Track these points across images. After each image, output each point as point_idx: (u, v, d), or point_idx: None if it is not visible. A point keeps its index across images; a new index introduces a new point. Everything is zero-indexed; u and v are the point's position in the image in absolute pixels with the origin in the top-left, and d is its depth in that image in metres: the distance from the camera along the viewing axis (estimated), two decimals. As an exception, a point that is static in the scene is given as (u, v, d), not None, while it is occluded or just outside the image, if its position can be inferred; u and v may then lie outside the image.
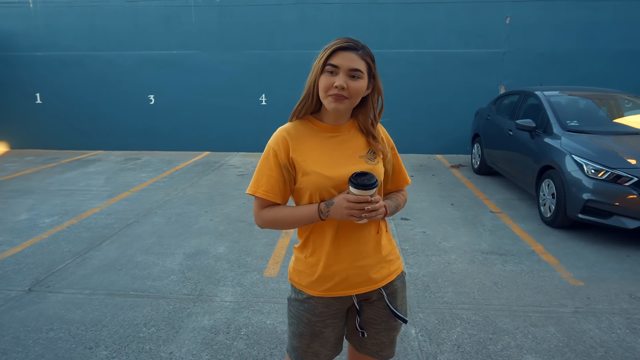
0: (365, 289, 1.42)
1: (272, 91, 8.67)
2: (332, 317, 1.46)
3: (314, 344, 1.47)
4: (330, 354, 1.52)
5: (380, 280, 1.44)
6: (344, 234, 1.38)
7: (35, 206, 5.28)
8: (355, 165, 1.34)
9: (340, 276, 1.39)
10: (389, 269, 1.47)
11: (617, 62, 8.07)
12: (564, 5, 7.99)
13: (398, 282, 1.50)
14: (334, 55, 1.28)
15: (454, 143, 8.60)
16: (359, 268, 1.40)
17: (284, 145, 1.35)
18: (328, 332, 1.47)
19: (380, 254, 1.44)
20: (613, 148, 4.37)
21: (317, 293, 1.42)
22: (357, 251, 1.39)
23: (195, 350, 2.54)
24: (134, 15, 8.63)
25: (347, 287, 1.41)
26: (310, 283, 1.43)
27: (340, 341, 1.55)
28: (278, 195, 1.37)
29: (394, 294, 1.49)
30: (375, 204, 1.25)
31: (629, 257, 3.86)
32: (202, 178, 6.74)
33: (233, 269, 3.60)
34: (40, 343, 2.60)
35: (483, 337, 2.68)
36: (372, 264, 1.42)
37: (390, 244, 1.49)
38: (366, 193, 1.23)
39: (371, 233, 1.41)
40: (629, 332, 2.73)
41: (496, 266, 3.67)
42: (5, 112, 9.17)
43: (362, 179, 1.24)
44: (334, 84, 1.27)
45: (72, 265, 3.65)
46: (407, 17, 8.24)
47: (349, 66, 1.27)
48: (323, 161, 1.34)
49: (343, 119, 1.40)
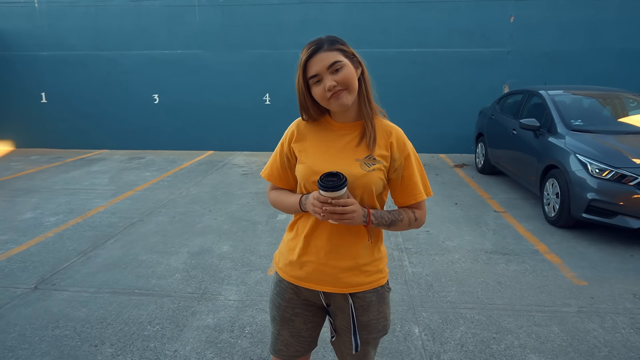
0: (330, 289, 1.40)
1: (275, 91, 8.69)
2: (301, 307, 1.47)
3: (284, 331, 1.49)
4: (301, 349, 1.51)
5: (348, 286, 1.39)
6: (323, 229, 1.38)
7: (40, 205, 5.31)
8: (347, 166, 1.32)
9: (310, 268, 1.40)
10: (362, 279, 1.40)
11: (621, 61, 8.03)
12: (568, 4, 7.96)
13: (373, 295, 1.42)
14: (308, 68, 1.29)
15: (458, 142, 8.59)
16: (329, 266, 1.38)
17: (289, 136, 1.45)
18: (299, 323, 1.48)
19: (355, 261, 1.39)
20: (617, 147, 4.36)
21: (287, 277, 1.46)
22: (331, 249, 1.38)
23: (200, 349, 2.55)
24: (138, 15, 8.66)
25: (315, 282, 1.41)
26: (284, 266, 1.47)
27: (315, 339, 1.54)
28: (277, 180, 1.50)
29: (365, 307, 1.42)
30: (336, 207, 1.22)
31: (633, 257, 3.85)
32: (205, 177, 6.76)
33: (237, 268, 3.61)
34: (46, 340, 2.62)
35: (486, 337, 2.68)
36: (345, 267, 1.38)
37: (371, 255, 1.42)
38: (329, 194, 1.22)
39: (350, 235, 1.38)
40: (633, 331, 2.73)
41: (500, 265, 3.67)
42: (10, 112, 9.22)
43: (327, 180, 1.23)
44: (326, 88, 1.27)
45: (77, 264, 3.67)
46: (410, 17, 8.23)
47: (325, 66, 1.26)
48: (317, 155, 1.37)
49: (350, 115, 1.38)
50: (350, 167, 1.32)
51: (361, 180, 1.32)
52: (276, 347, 1.51)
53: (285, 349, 1.50)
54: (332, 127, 1.40)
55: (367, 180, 1.32)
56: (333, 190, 1.21)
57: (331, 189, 1.21)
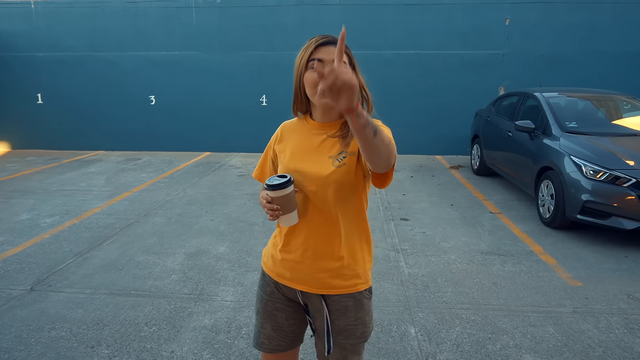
0: (306, 288, 1.41)
1: (272, 92, 8.70)
2: (282, 303, 1.49)
3: (266, 324, 1.51)
4: (283, 344, 1.51)
5: (322, 287, 1.39)
6: (302, 227, 1.38)
7: (36, 206, 5.30)
8: (320, 164, 1.33)
9: (288, 265, 1.42)
10: (338, 282, 1.39)
11: (616, 64, 8.09)
12: (564, 7, 8.01)
13: (349, 300, 1.40)
14: (317, 51, 1.28)
15: (454, 144, 8.62)
16: (305, 265, 1.39)
17: (275, 137, 1.51)
18: (280, 318, 1.49)
19: (332, 263, 1.37)
20: (611, 149, 4.39)
21: (268, 272, 1.49)
22: (308, 248, 1.38)
23: (197, 350, 2.56)
24: (135, 16, 8.66)
25: (292, 280, 1.43)
26: (267, 260, 1.51)
27: (299, 336, 1.55)
28: (263, 179, 1.56)
29: (341, 311, 1.41)
30: (273, 206, 1.28)
31: (627, 258, 3.88)
32: (202, 178, 6.76)
33: (234, 269, 3.62)
34: (42, 342, 2.62)
35: (482, 337, 2.69)
36: (320, 268, 1.38)
37: (352, 260, 1.39)
38: (272, 193, 1.28)
39: (328, 237, 1.37)
40: (627, 332, 2.75)
41: (495, 266, 3.69)
42: (7, 113, 9.19)
43: (271, 179, 1.29)
44: None
45: (73, 265, 3.67)
46: (406, 19, 8.27)
47: (333, 58, 1.24)
48: (294, 155, 1.39)
49: (332, 116, 1.38)
50: (322, 165, 1.33)
51: (332, 176, 1.31)
52: (259, 340, 1.54)
53: (267, 342, 1.52)
54: (310, 127, 1.41)
55: (338, 175, 1.31)
56: (273, 189, 1.27)
57: (268, 186, 1.27)
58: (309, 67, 1.29)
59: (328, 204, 1.34)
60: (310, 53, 1.28)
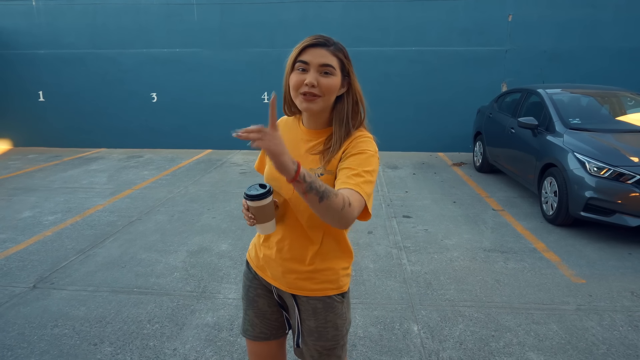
0: (277, 284, 1.45)
1: (274, 89, 8.60)
2: (263, 289, 1.52)
3: (249, 311, 1.55)
4: (267, 332, 1.53)
5: (291, 287, 1.41)
6: (280, 226, 1.39)
7: (39, 204, 5.30)
8: None
9: (265, 260, 1.46)
10: (307, 285, 1.39)
11: (619, 59, 8.05)
12: (566, 3, 7.97)
13: (318, 303, 1.40)
14: (303, 53, 1.25)
15: (456, 141, 8.60)
16: (277, 263, 1.41)
17: None
18: (262, 304, 1.52)
19: (302, 265, 1.38)
20: (615, 146, 4.37)
21: (250, 261, 1.55)
22: (282, 248, 1.40)
23: (199, 347, 2.55)
24: (136, 13, 8.64)
25: (267, 274, 1.48)
26: (251, 249, 1.56)
27: (283, 325, 1.55)
28: (263, 170, 1.53)
29: (311, 312, 1.41)
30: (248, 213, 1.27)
31: (630, 255, 3.86)
32: (204, 176, 6.76)
33: (236, 266, 3.61)
34: (45, 339, 2.62)
35: (485, 334, 2.69)
36: (290, 269, 1.39)
37: (325, 268, 1.38)
38: (248, 202, 1.25)
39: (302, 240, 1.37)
40: (631, 329, 2.74)
41: (498, 264, 3.68)
42: (8, 110, 9.20)
43: (250, 188, 1.26)
44: (305, 82, 1.23)
45: (76, 263, 3.67)
46: (408, 15, 8.23)
47: (319, 62, 1.23)
48: None
49: (319, 123, 1.34)
50: None
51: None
52: (244, 327, 1.57)
53: (251, 329, 1.54)
54: (300, 132, 1.40)
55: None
56: (251, 199, 1.24)
57: (250, 198, 1.24)
58: (295, 69, 1.27)
59: (304, 213, 1.33)
60: (297, 54, 1.27)
